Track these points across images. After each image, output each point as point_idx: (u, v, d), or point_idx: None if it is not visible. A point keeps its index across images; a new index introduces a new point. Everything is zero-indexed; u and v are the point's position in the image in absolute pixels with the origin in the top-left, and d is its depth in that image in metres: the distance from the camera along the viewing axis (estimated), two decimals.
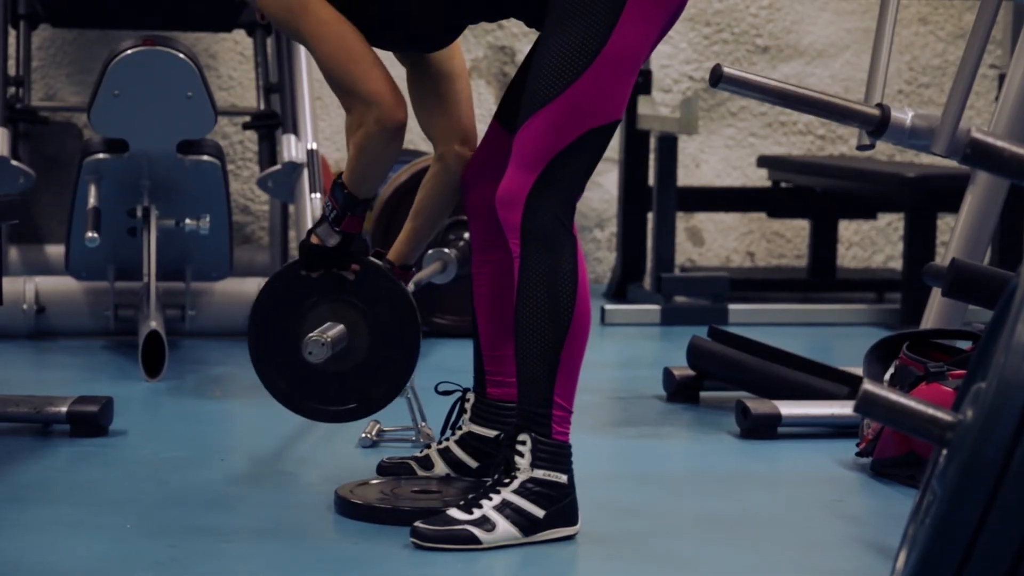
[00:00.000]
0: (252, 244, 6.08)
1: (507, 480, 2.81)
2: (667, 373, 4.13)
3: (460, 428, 3.17)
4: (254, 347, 3.08)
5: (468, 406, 3.15)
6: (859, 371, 3.75)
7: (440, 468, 3.16)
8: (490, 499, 2.80)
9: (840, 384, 3.84)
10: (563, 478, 2.82)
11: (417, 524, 2.78)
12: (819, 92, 3.89)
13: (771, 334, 4.46)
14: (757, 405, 3.70)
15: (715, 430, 3.78)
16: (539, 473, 2.80)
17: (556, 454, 2.81)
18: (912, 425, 1.80)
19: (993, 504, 1.72)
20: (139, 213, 4.48)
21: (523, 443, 2.80)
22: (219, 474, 3.25)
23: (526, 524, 2.80)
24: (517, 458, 2.80)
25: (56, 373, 4.43)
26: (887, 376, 3.41)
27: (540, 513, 2.80)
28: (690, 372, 4.09)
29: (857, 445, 3.44)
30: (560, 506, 2.83)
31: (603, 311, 5.38)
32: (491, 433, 3.11)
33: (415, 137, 6.21)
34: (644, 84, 5.76)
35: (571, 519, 2.84)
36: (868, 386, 1.78)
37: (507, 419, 3.05)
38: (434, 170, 3.16)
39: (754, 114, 6.44)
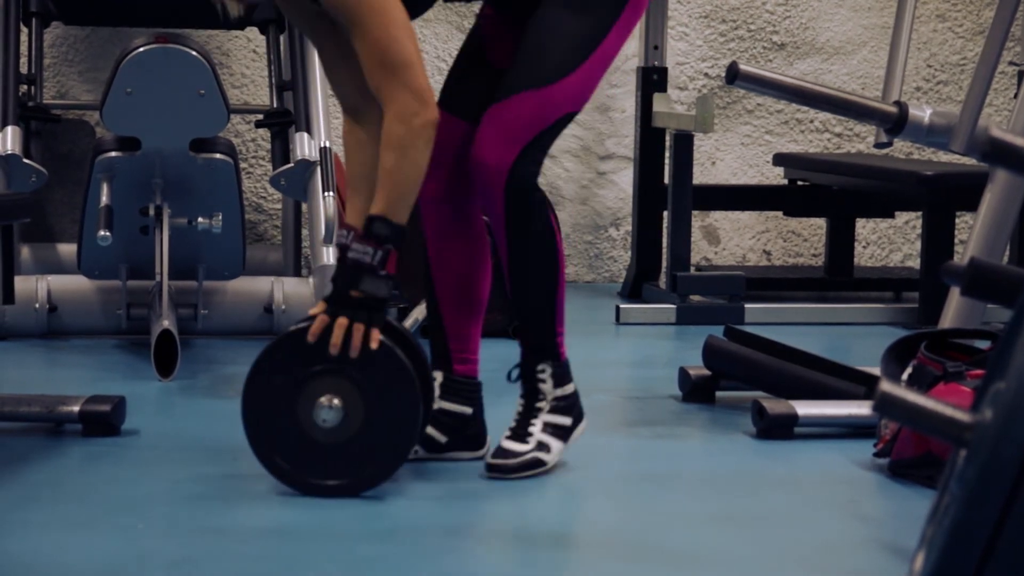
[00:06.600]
0: (265, 243, 6.07)
1: (539, 404, 3.23)
2: (683, 373, 4.11)
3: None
4: (249, 420, 3.07)
5: (436, 385, 3.28)
6: (877, 371, 3.73)
7: None
8: (533, 424, 3.22)
9: (857, 384, 3.82)
10: (571, 387, 3.27)
11: (489, 461, 3.19)
12: (836, 89, 3.87)
13: (788, 333, 4.44)
14: (773, 405, 3.68)
15: (731, 430, 3.76)
16: (559, 391, 3.24)
17: (565, 371, 3.25)
18: (930, 425, 1.78)
19: (1012, 505, 1.70)
20: (151, 211, 4.47)
21: (543, 371, 3.23)
22: (232, 474, 3.24)
23: (563, 433, 3.25)
24: (541, 385, 3.23)
25: (68, 372, 4.43)
26: (905, 376, 3.39)
27: (568, 421, 3.26)
28: (706, 372, 4.07)
29: (874, 446, 3.42)
30: (576, 409, 3.28)
31: (618, 310, 5.36)
32: (465, 410, 3.31)
33: None
34: (659, 82, 5.75)
35: (582, 415, 3.31)
36: (886, 386, 1.76)
37: (475, 394, 3.31)
38: (372, 134, 3.15)
39: (770, 112, 6.42)
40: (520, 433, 3.23)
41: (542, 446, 3.22)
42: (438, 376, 3.29)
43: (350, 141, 3.22)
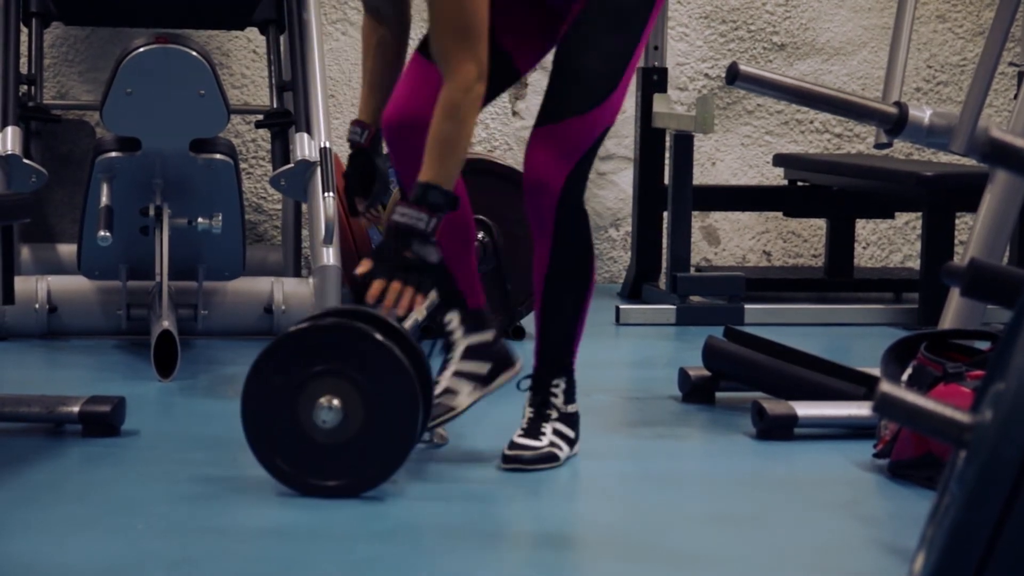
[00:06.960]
0: (265, 243, 6.07)
1: (549, 413, 3.33)
2: (682, 373, 4.11)
3: (450, 360, 3.39)
4: (248, 418, 3.07)
5: (454, 338, 3.39)
6: (876, 372, 3.72)
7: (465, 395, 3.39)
8: (545, 426, 3.33)
9: (857, 385, 3.82)
10: (576, 407, 3.38)
11: (506, 453, 3.27)
12: (836, 90, 3.87)
13: (787, 334, 4.44)
14: (773, 406, 3.68)
15: (731, 431, 3.76)
16: (568, 408, 3.36)
17: (574, 389, 3.37)
18: (930, 426, 1.78)
19: (1012, 506, 1.70)
20: (151, 212, 4.47)
21: (557, 386, 3.34)
22: (232, 474, 3.24)
23: (569, 443, 3.36)
24: (553, 399, 3.34)
25: (68, 373, 4.43)
26: (905, 377, 3.39)
27: (573, 434, 3.37)
28: (705, 372, 4.07)
29: (874, 446, 3.42)
30: (578, 428, 3.39)
31: (618, 311, 5.36)
32: (488, 337, 3.40)
33: None
34: (659, 82, 5.74)
35: (579, 437, 3.40)
36: (886, 387, 1.76)
37: (491, 321, 3.43)
38: (394, 34, 3.31)
39: (770, 112, 6.42)
40: (533, 432, 3.33)
41: (553, 444, 3.33)
42: (454, 317, 3.38)
43: (371, 40, 3.31)
